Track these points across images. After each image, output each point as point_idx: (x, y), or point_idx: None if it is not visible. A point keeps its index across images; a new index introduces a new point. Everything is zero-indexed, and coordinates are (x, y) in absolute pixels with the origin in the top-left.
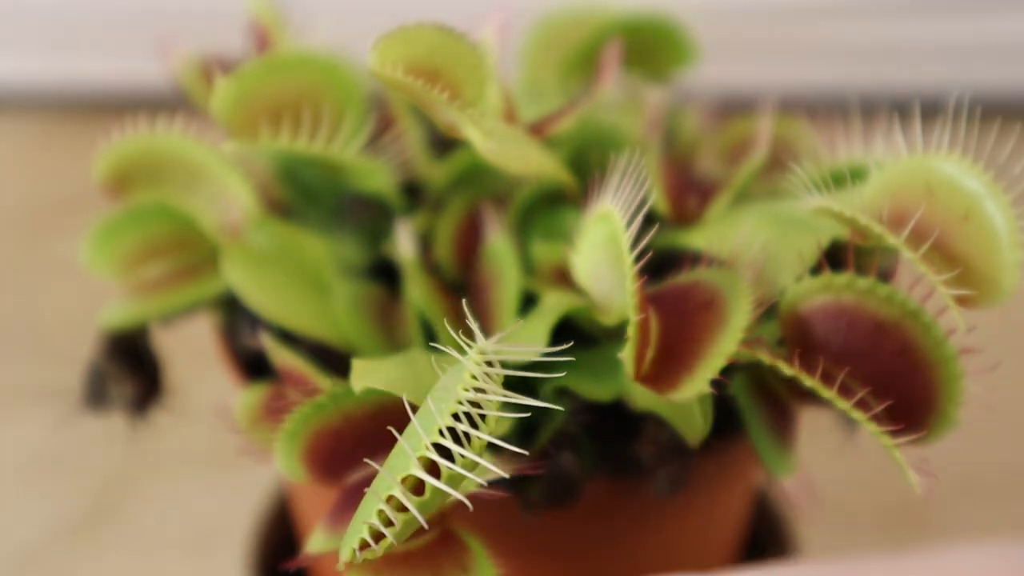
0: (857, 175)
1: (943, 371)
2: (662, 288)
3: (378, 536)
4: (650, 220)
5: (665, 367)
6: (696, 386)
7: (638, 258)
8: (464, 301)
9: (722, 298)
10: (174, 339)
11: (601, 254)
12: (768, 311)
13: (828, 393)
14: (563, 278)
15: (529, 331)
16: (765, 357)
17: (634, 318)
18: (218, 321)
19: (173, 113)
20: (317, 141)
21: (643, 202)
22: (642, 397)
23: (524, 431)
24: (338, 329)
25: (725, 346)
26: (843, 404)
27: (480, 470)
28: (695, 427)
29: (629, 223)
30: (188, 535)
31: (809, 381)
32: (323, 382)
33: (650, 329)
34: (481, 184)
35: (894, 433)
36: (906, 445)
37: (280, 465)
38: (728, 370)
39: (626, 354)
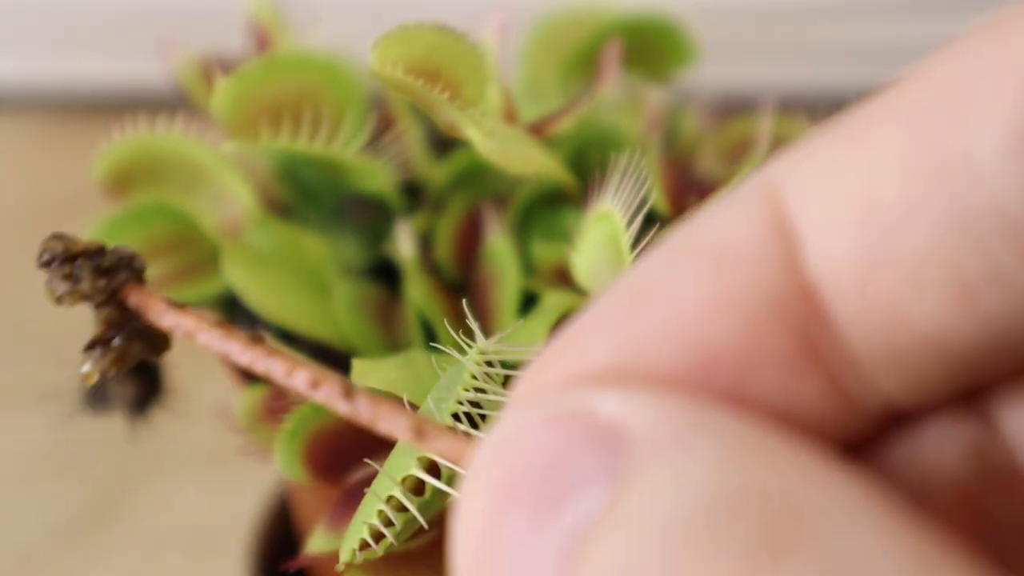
0: None
1: None
2: None
3: (378, 536)
4: (650, 220)
5: None
6: None
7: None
8: (464, 301)
9: None
10: (174, 339)
11: (601, 254)
12: None
13: None
14: (563, 278)
15: (529, 331)
16: None
17: None
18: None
19: (173, 113)
20: (317, 141)
21: (643, 202)
22: None
23: None
24: (338, 329)
25: None
26: None
27: None
28: None
29: (629, 223)
30: (188, 535)
31: None
32: None
33: None
34: (481, 184)
35: None
36: None
37: (280, 465)
38: None
39: None
